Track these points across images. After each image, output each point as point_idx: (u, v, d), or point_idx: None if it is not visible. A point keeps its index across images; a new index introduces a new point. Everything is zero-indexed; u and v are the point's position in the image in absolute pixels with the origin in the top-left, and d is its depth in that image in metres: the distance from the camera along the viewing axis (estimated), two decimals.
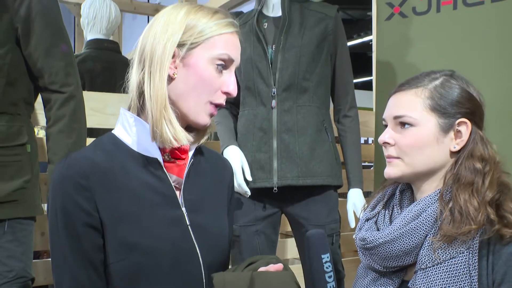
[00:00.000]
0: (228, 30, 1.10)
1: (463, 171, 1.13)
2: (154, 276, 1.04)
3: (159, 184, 1.09)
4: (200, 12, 1.09)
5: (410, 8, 2.28)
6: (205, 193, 1.18)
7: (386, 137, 1.20)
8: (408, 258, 1.15)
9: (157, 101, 1.05)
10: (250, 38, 1.96)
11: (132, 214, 1.04)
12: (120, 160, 1.08)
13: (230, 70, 1.12)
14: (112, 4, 3.06)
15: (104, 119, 2.13)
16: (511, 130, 1.99)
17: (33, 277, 1.67)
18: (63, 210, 1.02)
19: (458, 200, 1.10)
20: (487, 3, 2.06)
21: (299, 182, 1.88)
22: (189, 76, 1.08)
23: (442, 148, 1.16)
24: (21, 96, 1.66)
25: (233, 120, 2.06)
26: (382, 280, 1.21)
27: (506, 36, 2.03)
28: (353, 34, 7.54)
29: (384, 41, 2.40)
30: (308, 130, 1.91)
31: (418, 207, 1.16)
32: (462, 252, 1.07)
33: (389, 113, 1.21)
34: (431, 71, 1.22)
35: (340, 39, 2.03)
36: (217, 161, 1.29)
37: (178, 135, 1.06)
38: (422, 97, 1.16)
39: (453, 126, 1.15)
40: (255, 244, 1.94)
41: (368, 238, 1.20)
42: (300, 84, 1.91)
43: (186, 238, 1.09)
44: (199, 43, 1.07)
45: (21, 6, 1.60)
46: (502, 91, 1.99)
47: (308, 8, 1.99)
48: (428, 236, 1.12)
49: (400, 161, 1.18)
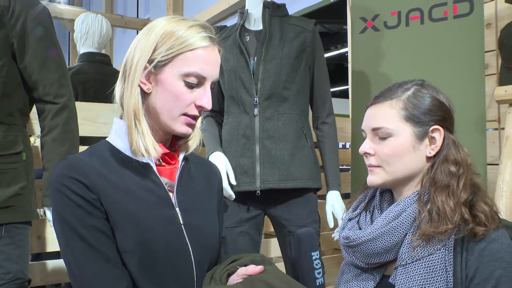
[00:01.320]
0: (202, 45, 1.05)
1: (439, 175, 1.14)
2: (149, 271, 1.03)
3: (153, 186, 1.08)
4: (176, 26, 1.05)
5: (382, 22, 2.31)
6: (196, 196, 1.18)
7: (366, 148, 1.20)
8: (388, 255, 1.15)
9: (129, 115, 1.05)
10: (233, 51, 1.97)
11: (130, 212, 1.03)
12: (115, 164, 1.07)
13: (204, 85, 1.08)
14: (103, 20, 3.06)
15: (96, 128, 2.12)
16: (475, 134, 2.02)
17: (29, 279, 1.66)
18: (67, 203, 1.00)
19: (435, 202, 1.11)
20: (450, 19, 2.13)
21: (280, 186, 1.89)
22: (160, 92, 1.06)
23: (419, 154, 1.16)
24: (17, 107, 1.65)
25: (218, 128, 2.07)
26: (364, 276, 1.22)
27: (467, 48, 2.08)
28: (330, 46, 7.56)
29: (359, 53, 2.43)
30: (288, 137, 1.92)
31: (398, 208, 1.16)
32: (439, 250, 1.08)
33: (368, 125, 1.21)
34: (403, 82, 1.23)
35: (318, 51, 2.04)
36: (206, 167, 1.29)
37: (149, 147, 1.05)
38: (396, 108, 1.17)
39: (427, 133, 1.16)
40: (240, 244, 1.94)
41: (351, 237, 1.20)
42: (281, 93, 1.92)
43: (180, 236, 1.09)
44: (168, 61, 1.04)
45: (17, 22, 1.60)
46: (465, 98, 2.04)
47: (288, 22, 2.00)
48: (407, 234, 1.13)
49: (381, 170, 1.19)
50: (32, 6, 1.65)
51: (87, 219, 1.00)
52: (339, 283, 1.28)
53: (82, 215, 1.00)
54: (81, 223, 1.00)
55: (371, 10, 2.34)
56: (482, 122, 2.04)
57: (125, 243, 1.02)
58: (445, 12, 2.14)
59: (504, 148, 1.86)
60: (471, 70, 2.07)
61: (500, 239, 1.07)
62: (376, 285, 1.19)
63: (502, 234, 1.09)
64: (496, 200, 1.81)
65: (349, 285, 1.23)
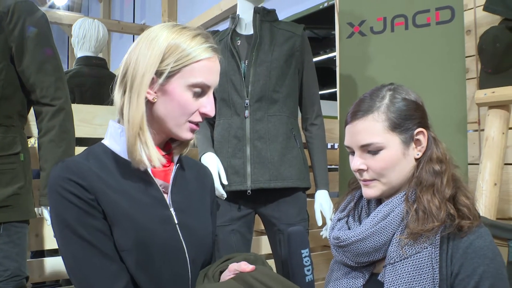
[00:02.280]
0: (206, 56, 1.06)
1: (424, 175, 1.14)
2: (146, 269, 1.02)
3: (148, 187, 1.08)
4: (179, 38, 1.05)
5: (368, 27, 2.32)
6: (190, 196, 1.17)
7: (358, 164, 1.17)
8: (377, 254, 1.15)
9: (133, 126, 1.03)
10: (225, 54, 1.96)
11: (127, 212, 1.02)
12: (110, 166, 1.06)
13: (208, 94, 1.09)
14: (100, 25, 3.05)
15: (93, 130, 2.11)
16: (457, 135, 2.04)
17: (27, 276, 1.66)
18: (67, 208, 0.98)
19: (422, 201, 1.11)
20: (432, 25, 2.15)
21: (270, 185, 1.89)
22: (167, 101, 1.05)
23: (409, 159, 1.16)
24: (15, 109, 1.64)
25: (210, 129, 2.06)
26: (353, 274, 1.21)
27: (448, 53, 2.10)
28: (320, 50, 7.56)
29: (346, 57, 2.43)
30: (278, 138, 1.91)
31: (386, 208, 1.16)
32: (425, 248, 1.08)
33: (355, 143, 1.17)
34: (375, 90, 1.20)
35: (306, 55, 2.04)
36: (199, 169, 1.28)
37: (152, 157, 1.04)
38: (380, 121, 1.14)
39: (412, 137, 1.15)
40: (231, 242, 1.93)
41: (341, 237, 1.19)
42: (271, 96, 1.92)
43: (175, 236, 1.08)
44: (176, 72, 1.04)
45: (15, 27, 1.60)
46: (447, 101, 2.05)
47: (277, 27, 2.00)
48: (395, 234, 1.13)
49: (377, 182, 1.17)
50: (31, 12, 1.64)
51: (86, 219, 0.99)
52: (329, 280, 1.28)
53: (80, 215, 0.99)
54: (79, 223, 0.99)
55: (358, 16, 2.35)
56: (463, 123, 2.05)
57: (123, 242, 1.01)
58: (428, 18, 2.15)
59: (484, 149, 1.87)
60: (453, 74, 2.08)
61: (483, 237, 1.08)
62: (365, 283, 1.19)
63: (484, 232, 1.10)
64: (477, 198, 1.82)
65: (339, 282, 1.23)
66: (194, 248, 1.11)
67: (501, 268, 1.06)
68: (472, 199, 1.13)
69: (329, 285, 1.25)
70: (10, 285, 1.58)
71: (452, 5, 2.10)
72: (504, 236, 1.66)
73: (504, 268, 1.07)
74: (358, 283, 1.19)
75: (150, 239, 1.03)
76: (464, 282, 1.05)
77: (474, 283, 1.03)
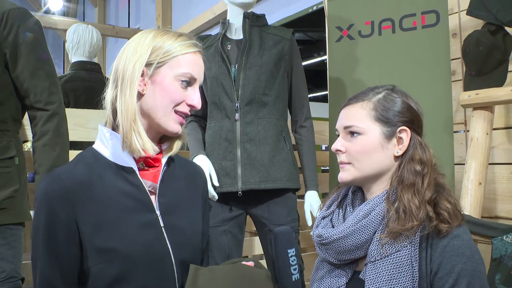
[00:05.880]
0: (191, 50, 1.13)
1: (405, 173, 1.16)
2: (129, 276, 1.04)
3: (134, 191, 1.10)
4: (166, 35, 1.12)
5: (356, 31, 2.35)
6: (179, 196, 1.19)
7: (338, 145, 1.23)
8: (359, 252, 1.17)
9: (127, 115, 1.07)
10: (215, 58, 1.99)
11: (109, 221, 1.05)
12: (98, 171, 1.09)
13: (194, 86, 1.15)
14: (94, 30, 3.07)
15: (87, 133, 2.14)
16: (444, 136, 2.07)
17: (23, 277, 1.67)
18: (45, 221, 1.03)
19: (402, 200, 1.13)
20: (418, 29, 2.19)
21: (261, 186, 1.91)
22: (156, 91, 1.10)
23: (387, 153, 1.18)
24: (9, 114, 1.66)
25: (201, 132, 2.08)
26: (336, 272, 1.23)
27: (435, 55, 2.14)
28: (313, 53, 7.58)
29: (335, 60, 2.45)
30: (268, 140, 1.94)
31: (368, 207, 1.18)
32: (405, 246, 1.10)
33: (340, 124, 1.24)
34: (375, 86, 1.26)
35: (295, 59, 2.06)
36: (190, 168, 1.30)
37: (146, 145, 1.09)
38: (367, 109, 1.19)
39: (395, 133, 1.18)
40: (223, 242, 1.95)
41: (324, 235, 1.21)
42: (260, 99, 1.95)
43: (159, 239, 1.10)
44: (165, 62, 1.10)
45: (9, 33, 1.61)
46: (434, 102, 2.08)
47: (267, 32, 2.03)
48: (376, 232, 1.15)
49: (351, 166, 1.20)
50: (25, 19, 1.66)
51: (57, 238, 1.03)
52: (314, 279, 1.29)
53: (54, 232, 1.03)
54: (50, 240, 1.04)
55: (346, 20, 2.38)
56: (450, 124, 2.08)
57: (107, 246, 1.04)
58: (414, 22, 2.19)
59: (469, 149, 1.90)
60: (439, 76, 2.11)
61: (462, 236, 1.10)
62: (348, 281, 1.20)
63: (463, 231, 1.11)
64: (462, 197, 1.85)
65: (323, 281, 1.25)
66: (182, 249, 1.13)
67: (479, 266, 1.08)
68: (455, 203, 1.15)
69: (314, 285, 1.27)
70: (6, 286, 1.59)
71: (438, 9, 2.14)
72: (488, 234, 1.69)
73: (482, 266, 1.09)
74: (342, 281, 1.20)
75: (131, 245, 1.05)
76: (443, 280, 1.07)
77: (452, 281, 1.05)
